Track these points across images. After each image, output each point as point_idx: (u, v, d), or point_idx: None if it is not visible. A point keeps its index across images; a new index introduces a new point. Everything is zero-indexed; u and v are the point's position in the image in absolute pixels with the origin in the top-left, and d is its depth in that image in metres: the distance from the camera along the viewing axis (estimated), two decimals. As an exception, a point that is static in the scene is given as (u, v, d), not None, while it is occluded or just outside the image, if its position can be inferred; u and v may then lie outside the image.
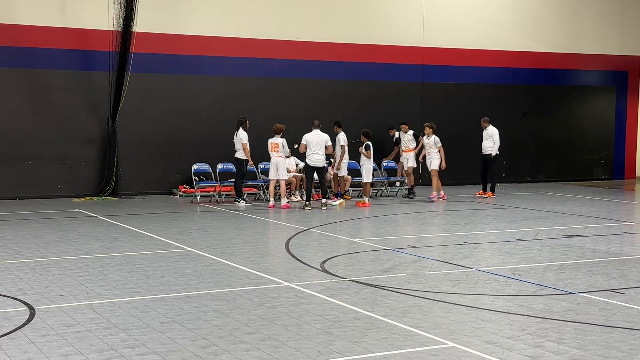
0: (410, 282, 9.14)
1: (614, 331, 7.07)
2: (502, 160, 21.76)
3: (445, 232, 13.28)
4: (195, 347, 6.51)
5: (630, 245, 12.44)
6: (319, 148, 16.71)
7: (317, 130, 16.91)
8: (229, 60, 19.82)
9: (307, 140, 16.77)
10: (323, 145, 16.75)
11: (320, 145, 16.72)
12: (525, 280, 9.27)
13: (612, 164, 25.28)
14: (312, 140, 16.73)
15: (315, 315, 7.55)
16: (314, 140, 16.72)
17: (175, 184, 19.29)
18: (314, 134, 16.83)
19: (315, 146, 16.69)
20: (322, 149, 16.74)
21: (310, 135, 16.83)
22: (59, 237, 12.39)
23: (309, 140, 16.76)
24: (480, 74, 22.84)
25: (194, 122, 19.46)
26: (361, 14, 21.27)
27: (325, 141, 16.79)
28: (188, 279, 9.26)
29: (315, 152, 16.68)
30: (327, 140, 16.82)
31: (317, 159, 16.70)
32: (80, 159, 18.54)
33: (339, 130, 17.81)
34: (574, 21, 24.13)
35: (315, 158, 16.68)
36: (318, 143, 16.70)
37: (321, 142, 16.73)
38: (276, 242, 12.43)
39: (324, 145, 16.76)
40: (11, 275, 9.41)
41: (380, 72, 21.52)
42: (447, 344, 6.66)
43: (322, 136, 16.79)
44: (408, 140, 18.98)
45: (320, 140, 16.73)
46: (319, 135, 16.79)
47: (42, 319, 7.38)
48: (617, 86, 25.17)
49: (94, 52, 18.36)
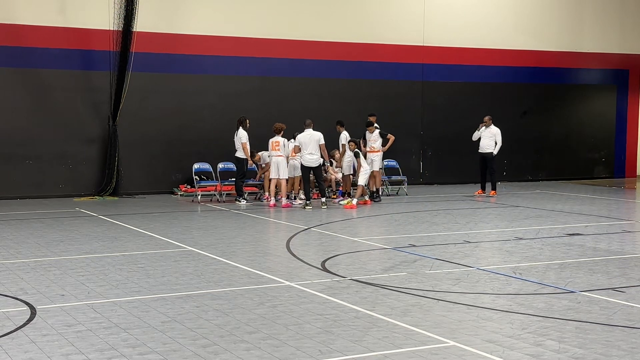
0: (411, 281, 9.14)
1: (615, 330, 7.07)
2: (502, 158, 21.80)
3: (446, 231, 13.27)
4: (196, 347, 6.51)
5: (631, 243, 12.43)
6: (313, 148, 16.58)
7: (309, 129, 16.80)
8: (229, 59, 19.82)
9: (300, 141, 16.68)
10: (316, 144, 16.61)
11: (314, 145, 16.59)
12: (526, 279, 9.27)
13: (612, 162, 25.27)
14: (305, 140, 16.61)
15: (315, 315, 7.55)
16: (306, 140, 16.60)
17: (176, 184, 19.31)
18: (307, 134, 16.70)
19: (307, 146, 16.57)
20: (315, 149, 16.59)
21: (302, 135, 16.72)
22: (60, 237, 12.40)
23: (301, 141, 16.66)
24: (481, 72, 22.83)
25: (195, 121, 19.47)
26: (361, 13, 21.26)
27: (318, 140, 16.62)
28: (189, 278, 9.26)
29: (308, 153, 16.56)
30: (320, 139, 16.64)
31: (310, 159, 16.56)
32: (81, 158, 18.55)
33: (341, 129, 17.78)
34: (574, 19, 24.12)
35: (309, 158, 16.55)
36: (311, 143, 16.58)
37: (314, 141, 16.60)
38: (277, 242, 12.43)
39: (317, 144, 16.62)
40: (12, 274, 9.42)
41: (380, 71, 21.52)
42: (447, 342, 6.66)
43: (315, 135, 16.65)
44: (374, 140, 17.82)
45: (313, 139, 16.60)
46: (311, 135, 16.66)
47: (43, 318, 7.38)
48: (617, 84, 25.16)
49: (95, 51, 18.37)
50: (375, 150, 17.80)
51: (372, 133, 17.87)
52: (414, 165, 22.00)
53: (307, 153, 16.56)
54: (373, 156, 17.75)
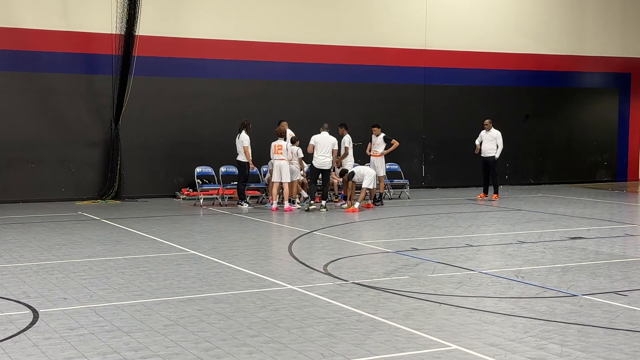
0: (413, 284, 9.14)
1: (617, 333, 7.07)
2: (505, 162, 21.77)
3: (448, 235, 13.27)
4: (198, 350, 6.52)
5: (634, 247, 12.42)
6: (326, 150, 16.83)
7: (325, 132, 17.05)
8: (232, 63, 19.84)
9: (316, 141, 16.91)
10: (330, 147, 16.89)
11: (328, 148, 16.85)
12: (528, 283, 9.26)
13: (615, 166, 25.25)
14: (320, 141, 16.88)
15: (318, 318, 7.55)
16: (321, 142, 16.87)
17: (178, 187, 19.32)
18: (322, 136, 16.97)
19: (322, 148, 16.79)
20: (329, 152, 16.85)
21: (318, 136, 16.99)
22: (63, 240, 12.41)
23: (317, 141, 16.90)
24: (483, 76, 22.83)
25: (197, 125, 19.49)
26: (363, 17, 21.28)
27: (333, 144, 16.95)
28: (191, 281, 9.27)
29: (321, 154, 16.78)
30: (334, 143, 16.99)
31: (323, 161, 16.80)
32: (84, 162, 18.57)
33: (344, 132, 17.82)
34: (576, 23, 24.12)
35: (322, 160, 16.79)
36: (326, 145, 16.83)
37: (329, 144, 16.88)
38: (279, 245, 12.44)
39: (331, 147, 16.89)
40: (15, 278, 9.43)
41: (382, 75, 21.53)
42: (450, 346, 6.66)
43: (330, 139, 16.97)
44: (378, 144, 18.00)
45: (328, 142, 16.89)
46: (326, 138, 16.94)
47: (45, 322, 7.39)
48: (619, 88, 25.15)
49: (97, 55, 18.39)
50: (378, 154, 17.90)
51: (378, 136, 17.97)
52: (416, 169, 22.00)
53: (320, 154, 16.78)
54: (376, 161, 17.82)
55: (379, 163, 17.88)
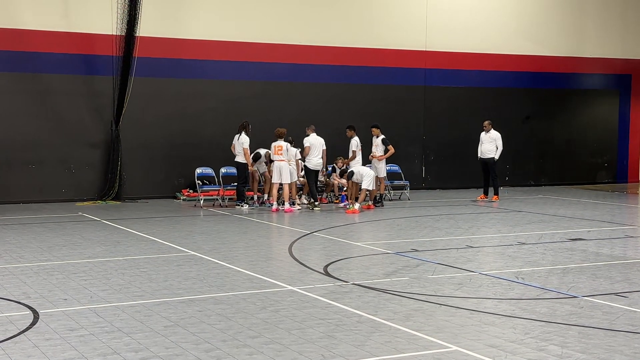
0: (414, 285, 9.14)
1: (618, 335, 7.07)
2: (505, 163, 21.80)
3: (448, 236, 13.27)
4: (198, 351, 6.52)
5: (634, 248, 12.42)
6: (320, 152, 17.20)
7: (314, 134, 17.30)
8: (232, 64, 19.85)
9: (311, 142, 17.14)
10: (321, 148, 17.23)
11: (320, 149, 17.21)
12: (529, 284, 9.26)
13: (615, 167, 25.26)
14: (315, 143, 17.13)
15: (318, 319, 7.55)
16: (315, 143, 17.14)
17: (179, 188, 19.32)
18: (315, 138, 17.22)
19: (315, 149, 17.09)
20: (320, 152, 17.20)
21: (312, 138, 17.21)
22: (63, 241, 12.41)
23: (312, 142, 17.11)
24: (483, 77, 22.84)
25: (197, 126, 19.49)
26: (363, 18, 21.28)
27: (322, 144, 17.29)
28: (191, 282, 9.27)
29: (316, 156, 17.12)
30: (323, 143, 17.32)
31: (317, 162, 17.18)
32: (84, 163, 18.57)
33: (353, 134, 17.75)
34: (576, 24, 24.13)
35: (316, 162, 17.13)
36: (318, 146, 17.18)
37: (320, 145, 17.23)
38: (279, 246, 12.44)
39: (321, 148, 17.24)
40: (15, 279, 9.43)
41: (382, 76, 21.53)
42: (450, 347, 6.66)
43: (320, 139, 17.29)
44: (377, 146, 17.87)
45: (320, 143, 17.24)
46: (318, 139, 17.25)
47: (45, 322, 7.39)
48: (620, 89, 25.16)
49: (98, 56, 18.39)
50: (376, 157, 17.91)
51: (377, 137, 17.94)
52: (416, 170, 22.00)
53: (315, 156, 17.13)
54: (376, 162, 17.87)
55: (379, 164, 17.90)
